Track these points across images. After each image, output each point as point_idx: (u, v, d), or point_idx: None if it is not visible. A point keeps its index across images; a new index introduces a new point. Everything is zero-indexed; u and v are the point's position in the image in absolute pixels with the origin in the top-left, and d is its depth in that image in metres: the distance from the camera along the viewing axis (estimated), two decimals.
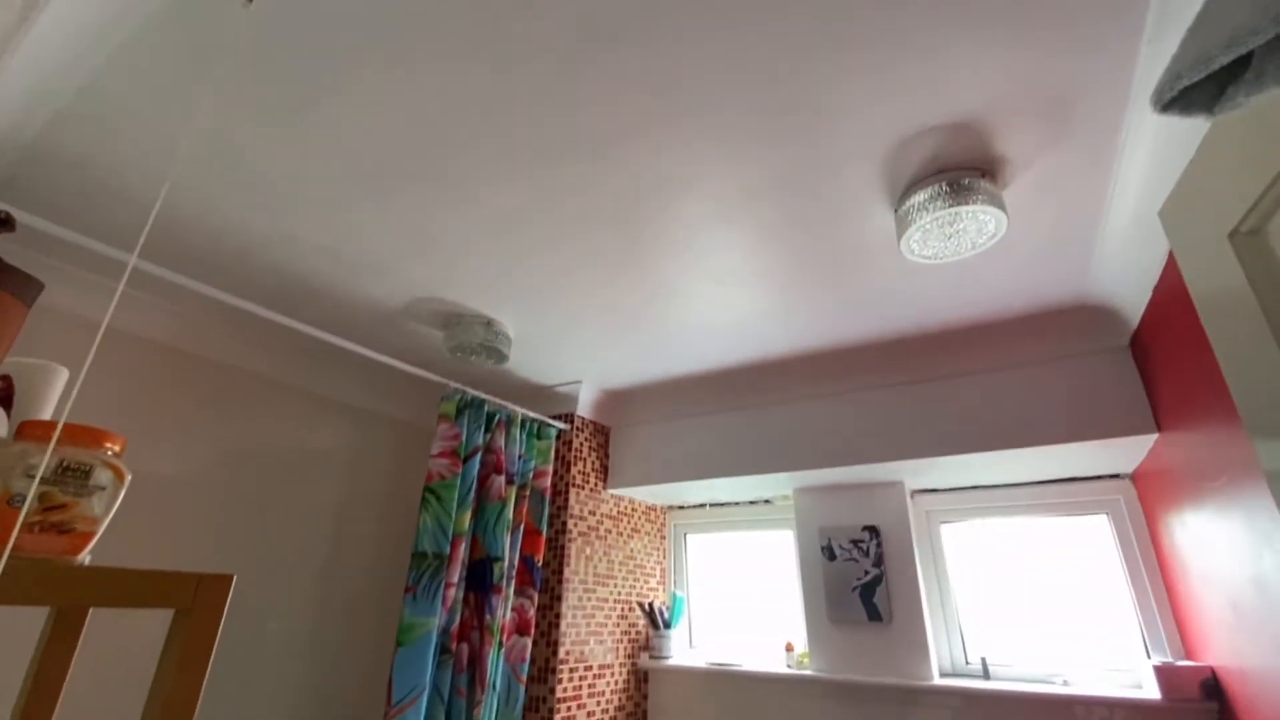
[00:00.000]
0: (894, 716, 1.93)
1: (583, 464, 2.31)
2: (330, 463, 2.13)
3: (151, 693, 0.59)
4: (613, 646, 2.26)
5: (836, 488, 2.23)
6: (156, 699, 0.58)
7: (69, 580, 0.54)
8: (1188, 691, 1.56)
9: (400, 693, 1.54)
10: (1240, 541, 1.22)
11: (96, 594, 0.56)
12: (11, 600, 0.51)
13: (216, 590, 0.62)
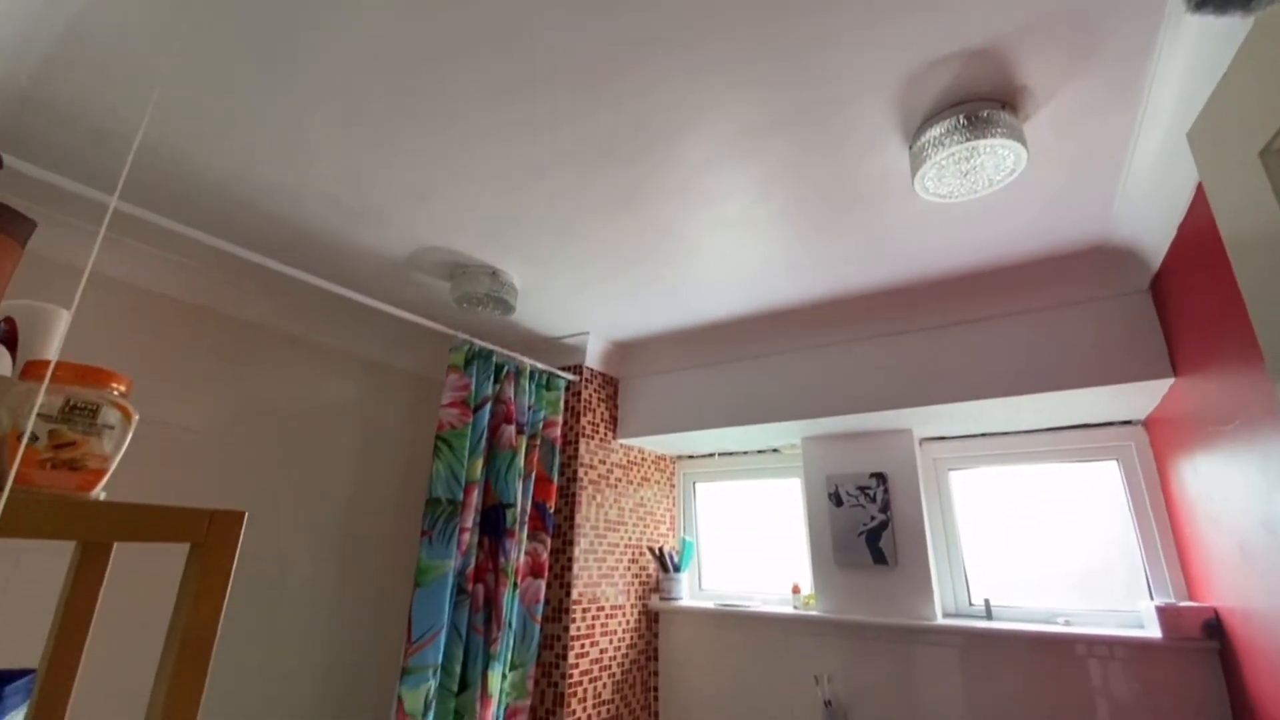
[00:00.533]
0: (898, 655, 1.99)
1: (592, 414, 2.33)
2: (346, 415, 2.17)
3: (171, 624, 0.62)
4: (624, 589, 2.33)
5: (845, 436, 2.24)
6: (176, 630, 0.61)
7: (84, 514, 0.55)
8: (1189, 631, 1.59)
9: (419, 630, 1.60)
10: (1252, 483, 1.21)
11: (112, 528, 0.57)
12: (30, 533, 0.52)
13: (229, 526, 0.63)
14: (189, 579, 0.62)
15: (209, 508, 0.63)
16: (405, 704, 1.55)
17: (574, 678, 2.01)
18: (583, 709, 2.01)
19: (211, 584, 0.62)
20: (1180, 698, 1.62)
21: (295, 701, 1.86)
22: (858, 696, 2.00)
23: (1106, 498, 1.98)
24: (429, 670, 1.58)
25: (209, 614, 0.61)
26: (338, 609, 2.03)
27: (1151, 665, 1.67)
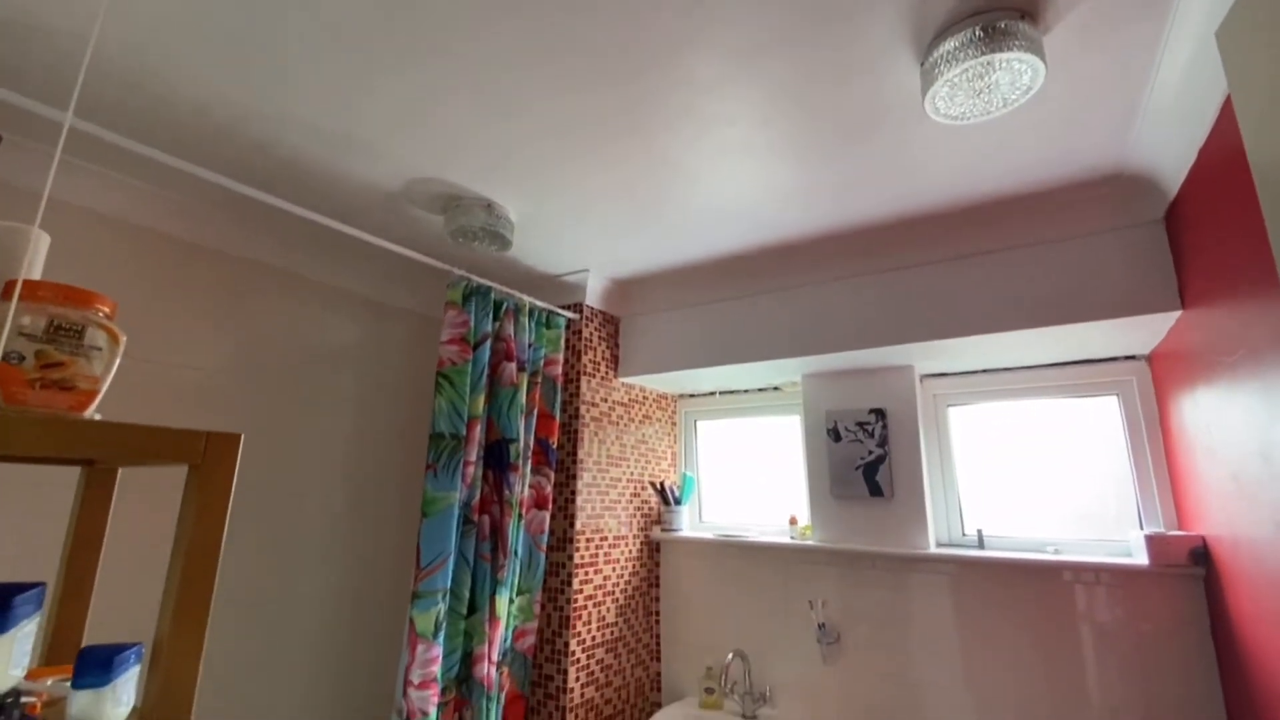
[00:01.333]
0: (890, 582, 2.06)
1: (593, 353, 2.33)
2: (348, 354, 2.18)
3: (175, 543, 0.63)
4: (626, 521, 2.39)
5: (845, 373, 2.24)
6: (180, 548, 0.63)
7: (78, 433, 0.56)
8: (1175, 558, 1.63)
9: (428, 557, 1.66)
10: (1252, 413, 1.21)
11: (108, 448, 0.58)
12: (24, 450, 0.53)
13: (226, 447, 0.64)
14: (189, 499, 0.63)
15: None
16: (417, 625, 1.62)
17: (578, 602, 2.09)
18: (587, 631, 2.11)
19: (211, 504, 0.63)
20: (1162, 621, 1.68)
21: (311, 625, 1.96)
22: (851, 620, 2.09)
23: (1103, 433, 1.99)
24: (438, 594, 1.65)
25: (211, 532, 0.63)
26: (349, 539, 2.10)
27: (1136, 591, 1.72)
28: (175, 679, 0.59)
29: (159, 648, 0.60)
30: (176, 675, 0.59)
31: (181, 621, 0.60)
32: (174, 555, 0.63)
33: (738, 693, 2.16)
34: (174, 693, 0.59)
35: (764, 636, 2.24)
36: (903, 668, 1.98)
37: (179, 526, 0.63)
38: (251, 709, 1.78)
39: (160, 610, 0.62)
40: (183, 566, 0.61)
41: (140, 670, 0.64)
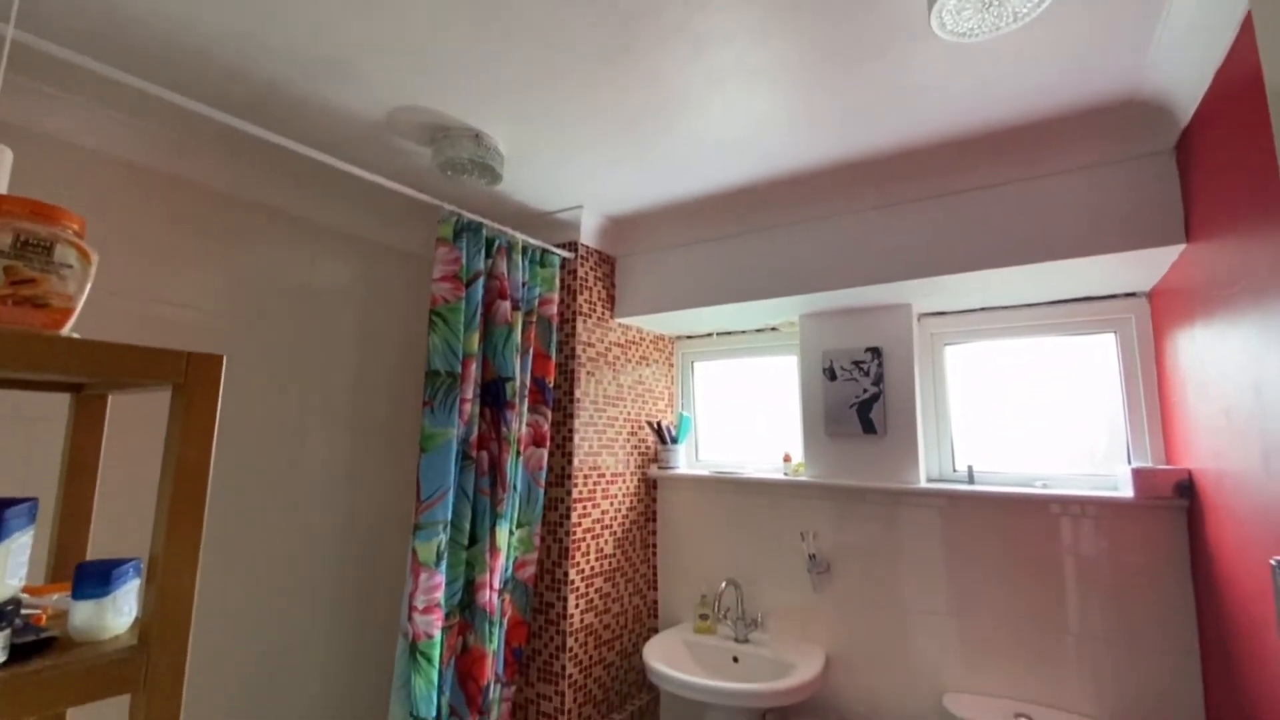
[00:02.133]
0: (880, 515, 2.11)
1: (589, 293, 2.31)
2: (342, 293, 2.16)
3: (164, 462, 0.64)
4: (624, 459, 2.43)
5: (843, 312, 2.22)
6: (169, 467, 0.63)
7: (55, 350, 0.55)
8: (1161, 491, 1.66)
9: (428, 490, 1.70)
10: (1248, 347, 1.20)
11: (86, 366, 0.57)
12: (1, 367, 0.53)
13: (208, 368, 0.64)
14: (174, 420, 0.63)
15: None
16: (419, 555, 1.67)
17: (577, 535, 2.16)
18: (586, 561, 2.18)
19: (197, 424, 0.63)
20: (1143, 552, 1.73)
21: (316, 557, 2.03)
22: (841, 551, 2.16)
23: (1098, 371, 1.99)
24: (439, 526, 1.70)
25: (198, 453, 0.63)
26: (352, 474, 2.15)
27: (1120, 523, 1.76)
28: (172, 592, 0.61)
29: (154, 563, 0.62)
30: (173, 588, 0.61)
31: (175, 538, 0.62)
32: (163, 475, 0.63)
33: (730, 618, 2.25)
34: (171, 605, 0.61)
35: (756, 567, 2.32)
36: (890, 595, 2.06)
37: (166, 447, 0.64)
38: (261, 635, 1.86)
39: (154, 528, 0.63)
40: (173, 486, 0.62)
41: (140, 584, 0.66)
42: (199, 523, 0.63)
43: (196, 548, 0.63)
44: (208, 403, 0.63)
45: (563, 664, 2.06)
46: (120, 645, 0.60)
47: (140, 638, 0.61)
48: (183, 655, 0.61)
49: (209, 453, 0.63)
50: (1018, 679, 1.84)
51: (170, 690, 0.59)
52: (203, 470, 0.63)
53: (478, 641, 1.82)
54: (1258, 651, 1.21)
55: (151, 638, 0.60)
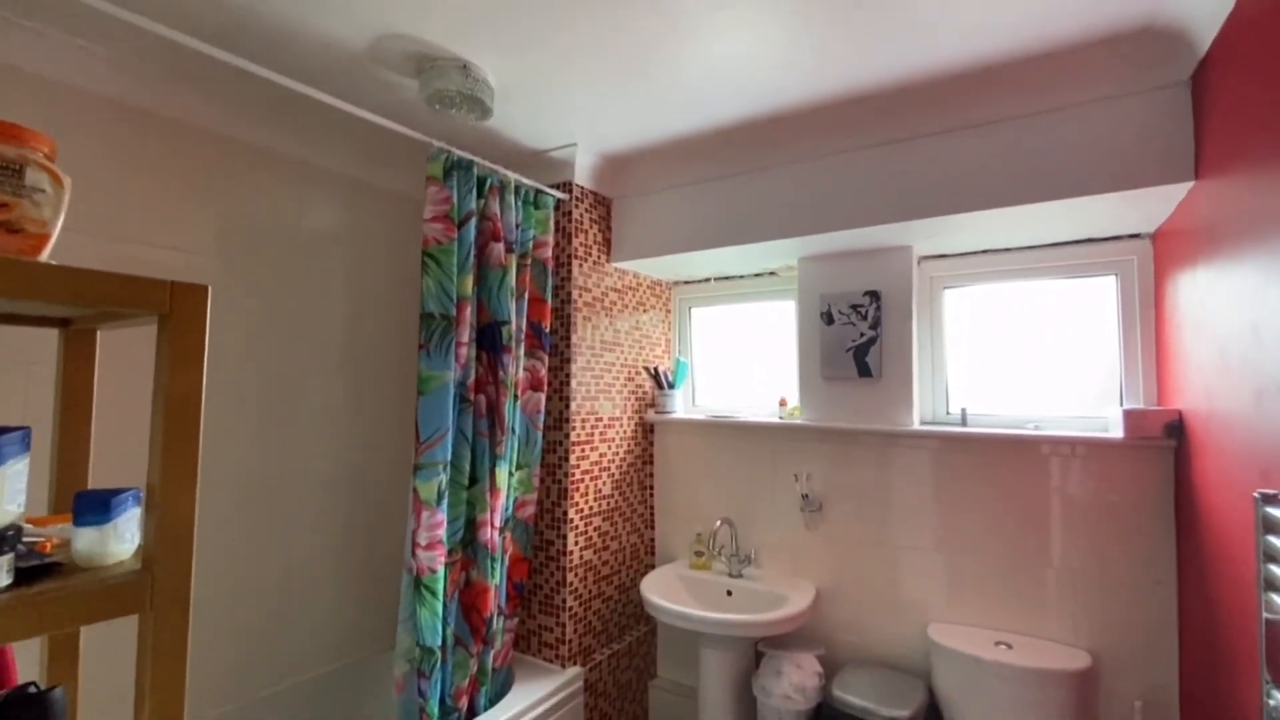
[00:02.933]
0: (873, 457, 2.14)
1: (584, 236, 2.27)
2: (333, 237, 2.13)
3: (154, 394, 0.64)
4: (621, 403, 2.45)
5: (842, 255, 2.19)
6: (159, 399, 0.63)
7: (32, 277, 0.54)
8: (1150, 431, 1.68)
9: (426, 432, 1.72)
10: (1249, 285, 1.19)
11: (66, 293, 0.57)
12: None
13: (193, 298, 0.63)
14: (162, 351, 0.63)
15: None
16: (420, 494, 1.71)
17: (575, 476, 2.20)
18: (585, 502, 2.24)
19: (186, 355, 0.63)
20: (1130, 491, 1.76)
21: (319, 497, 2.07)
22: (833, 491, 2.21)
23: (1096, 314, 1.98)
24: (439, 466, 1.72)
25: (189, 383, 0.63)
26: (351, 418, 2.17)
27: (1109, 463, 1.79)
28: (172, 519, 0.62)
29: (152, 493, 0.63)
30: (172, 515, 0.62)
31: (171, 468, 0.62)
32: (154, 407, 0.63)
33: (725, 555, 2.33)
34: (172, 531, 0.62)
35: (751, 507, 2.38)
36: (880, 533, 2.12)
37: (155, 378, 0.64)
38: (269, 570, 1.93)
39: (149, 458, 0.64)
40: (164, 417, 0.62)
41: (141, 513, 0.67)
42: (194, 452, 0.63)
43: (194, 476, 0.63)
44: (195, 333, 0.63)
45: (563, 598, 2.14)
46: (124, 570, 0.62)
47: (144, 563, 0.62)
48: (187, 578, 0.62)
49: (199, 384, 0.63)
50: (999, 610, 1.92)
51: (177, 611, 0.61)
52: (194, 401, 0.63)
53: (480, 576, 1.88)
54: (1235, 578, 1.26)
55: (155, 562, 0.61)
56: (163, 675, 0.62)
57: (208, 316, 0.63)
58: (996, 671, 1.72)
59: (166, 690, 0.61)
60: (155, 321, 0.64)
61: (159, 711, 0.61)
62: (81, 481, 0.80)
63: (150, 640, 0.61)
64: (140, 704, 0.61)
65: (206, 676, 1.76)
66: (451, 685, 1.81)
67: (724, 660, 2.04)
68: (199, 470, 0.64)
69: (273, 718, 1.89)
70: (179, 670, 0.63)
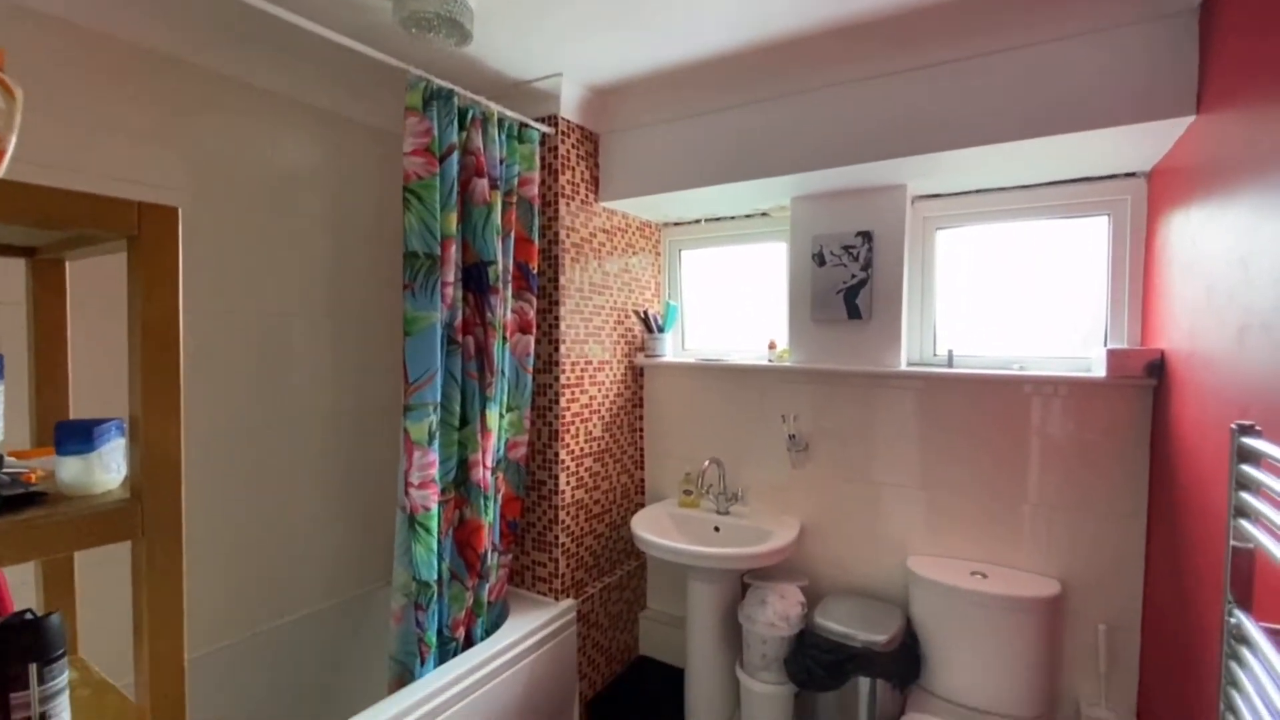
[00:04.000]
0: (859, 398, 2.17)
1: (571, 173, 2.20)
2: (313, 175, 2.05)
3: (129, 321, 0.62)
4: (610, 347, 2.45)
5: (835, 194, 2.15)
6: (135, 326, 0.61)
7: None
8: (1132, 370, 1.70)
9: (415, 373, 1.71)
10: (1240, 221, 1.19)
11: (25, 212, 0.53)
12: None
13: (163, 219, 0.60)
14: (134, 276, 0.60)
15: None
16: (411, 434, 1.71)
17: (566, 419, 2.21)
18: (575, 443, 2.26)
19: (158, 280, 0.60)
20: (1107, 429, 1.80)
21: (311, 437, 2.08)
22: (820, 431, 2.24)
23: (1085, 256, 1.98)
24: (429, 407, 1.72)
25: (164, 310, 0.61)
26: (339, 359, 2.15)
27: (1089, 402, 1.83)
28: (158, 448, 0.61)
29: (135, 422, 0.62)
30: (158, 444, 0.61)
31: (152, 397, 0.61)
32: (130, 335, 0.62)
33: (713, 494, 2.38)
34: (159, 460, 0.62)
35: (738, 447, 2.42)
36: (864, 471, 2.17)
37: (130, 305, 0.62)
38: (266, 509, 1.94)
39: (129, 388, 0.62)
40: (142, 345, 0.60)
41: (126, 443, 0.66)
42: (175, 380, 0.62)
43: (177, 405, 0.62)
44: (166, 257, 0.60)
45: (556, 534, 2.19)
46: (113, 499, 0.61)
47: (132, 492, 0.62)
48: (177, 506, 0.62)
49: (175, 309, 0.61)
50: (976, 542, 1.99)
51: (170, 538, 0.61)
52: (170, 327, 0.61)
53: (474, 514, 1.91)
54: (1205, 508, 1.31)
55: (143, 491, 0.61)
56: (160, 603, 0.62)
57: (179, 239, 0.61)
58: (971, 599, 1.81)
59: (165, 617, 0.62)
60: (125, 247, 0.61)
61: (158, 639, 0.62)
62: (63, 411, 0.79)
63: (145, 568, 0.61)
64: (139, 632, 0.62)
65: (207, 610, 1.80)
66: (448, 617, 1.86)
67: (711, 592, 2.12)
68: (182, 400, 0.63)
69: (273, 650, 1.95)
70: (176, 598, 0.63)
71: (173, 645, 0.62)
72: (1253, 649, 0.86)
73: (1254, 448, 0.90)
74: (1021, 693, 1.76)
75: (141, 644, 0.61)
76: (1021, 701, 1.76)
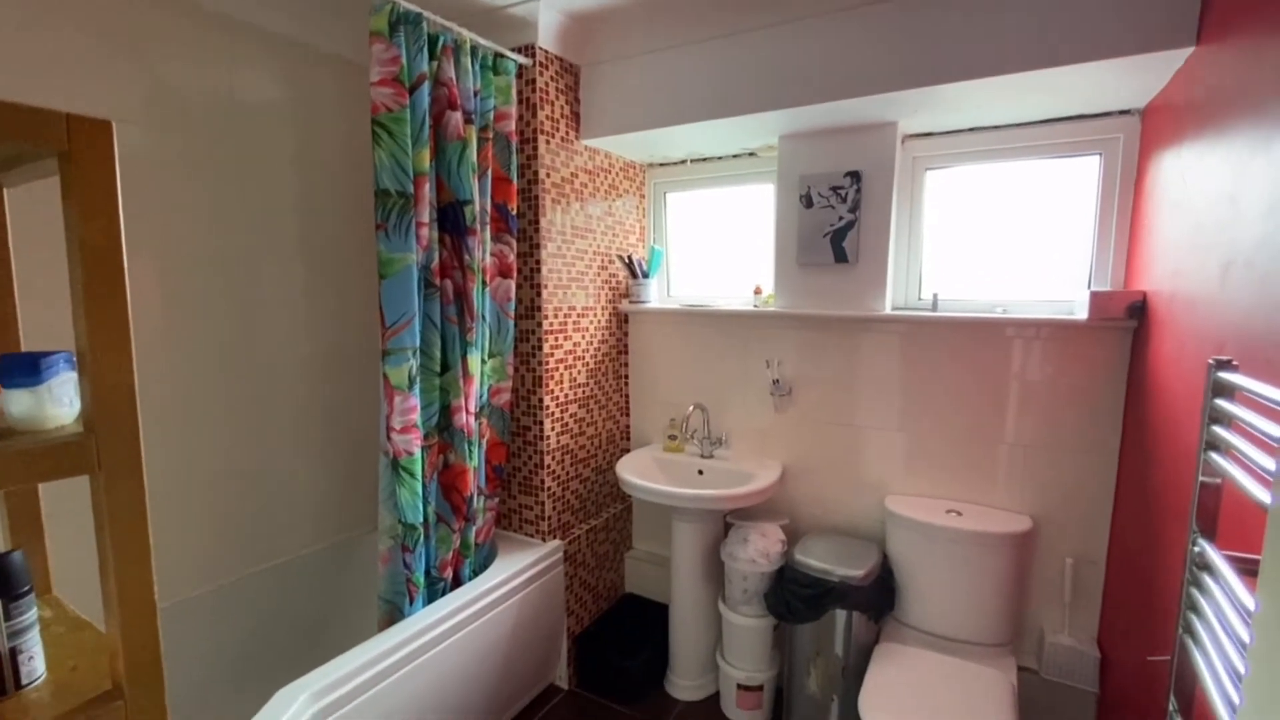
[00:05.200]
0: (843, 343, 2.17)
1: (550, 108, 2.10)
2: (274, 110, 1.94)
3: (67, 245, 0.58)
4: (594, 293, 2.41)
5: (825, 132, 2.09)
6: (74, 249, 0.57)
7: None
8: (1113, 312, 1.70)
9: (392, 317, 1.67)
10: (1232, 155, 1.16)
11: None
12: None
13: (95, 134, 0.55)
14: (68, 195, 0.56)
15: None
16: (391, 379, 1.69)
17: (550, 365, 2.19)
18: (560, 389, 2.25)
19: (94, 201, 0.56)
20: (1086, 370, 1.82)
21: (288, 382, 2.04)
22: (803, 375, 2.25)
23: (1073, 197, 1.95)
24: (408, 352, 1.69)
25: (104, 233, 0.57)
26: (313, 302, 2.10)
27: (1069, 344, 1.84)
28: (108, 380, 0.59)
29: (83, 353, 0.59)
30: (109, 376, 0.59)
31: (98, 326, 0.58)
32: (70, 261, 0.58)
33: (697, 439, 2.40)
34: (111, 393, 0.59)
35: (722, 392, 2.43)
36: (845, 415, 2.19)
37: (66, 229, 0.57)
38: (245, 454, 1.93)
39: (73, 319, 0.59)
40: (83, 271, 0.57)
41: (76, 377, 0.63)
42: (122, 309, 0.58)
43: (126, 335, 0.59)
44: (102, 176, 0.56)
45: (542, 479, 2.21)
46: (66, 433, 0.59)
47: (86, 425, 0.59)
48: (135, 440, 0.60)
49: (116, 233, 0.57)
50: (953, 482, 2.04)
51: (128, 473, 0.60)
52: (113, 252, 0.57)
53: (458, 459, 1.91)
54: (1176, 444, 1.33)
55: (97, 425, 0.59)
56: (124, 539, 0.61)
57: (115, 155, 0.56)
58: (945, 535, 1.86)
59: (130, 555, 0.61)
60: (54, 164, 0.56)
61: (126, 574, 0.61)
62: (13, 344, 0.75)
63: (105, 504, 0.59)
64: (105, 567, 0.61)
65: (196, 553, 1.81)
66: (436, 558, 1.89)
67: (695, 531, 2.17)
68: (132, 331, 0.59)
69: (264, 592, 1.98)
70: (141, 534, 0.62)
71: (141, 580, 0.61)
72: (1214, 575, 0.89)
73: (1229, 381, 0.91)
74: (990, 622, 1.84)
75: (108, 580, 0.60)
76: (989, 630, 1.85)
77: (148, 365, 1.67)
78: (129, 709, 0.60)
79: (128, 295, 0.59)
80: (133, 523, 0.61)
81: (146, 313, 1.67)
